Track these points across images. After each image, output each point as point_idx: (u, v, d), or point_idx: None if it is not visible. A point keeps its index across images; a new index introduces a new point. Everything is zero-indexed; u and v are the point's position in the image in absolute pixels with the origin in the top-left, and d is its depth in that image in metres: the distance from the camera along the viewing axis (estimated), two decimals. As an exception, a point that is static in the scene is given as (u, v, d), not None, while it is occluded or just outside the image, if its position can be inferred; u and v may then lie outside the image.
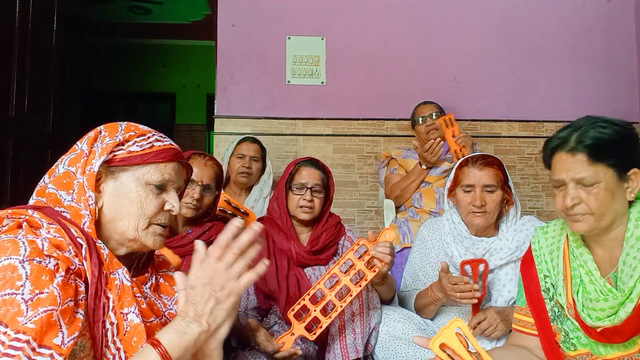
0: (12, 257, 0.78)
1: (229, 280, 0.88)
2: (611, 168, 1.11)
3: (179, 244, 1.78)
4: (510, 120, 3.33)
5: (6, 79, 2.59)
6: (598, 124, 1.13)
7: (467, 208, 1.72)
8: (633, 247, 1.11)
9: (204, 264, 0.89)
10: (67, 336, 0.79)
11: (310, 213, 1.83)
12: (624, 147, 1.12)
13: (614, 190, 1.11)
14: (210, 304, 0.87)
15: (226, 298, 0.88)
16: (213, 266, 0.88)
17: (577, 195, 1.12)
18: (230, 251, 0.89)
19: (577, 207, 1.13)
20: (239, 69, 3.22)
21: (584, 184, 1.12)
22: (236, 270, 0.89)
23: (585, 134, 1.12)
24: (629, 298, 1.08)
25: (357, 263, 1.57)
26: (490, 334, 1.60)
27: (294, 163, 1.91)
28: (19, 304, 0.76)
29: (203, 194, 1.85)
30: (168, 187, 1.01)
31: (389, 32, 3.31)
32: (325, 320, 1.53)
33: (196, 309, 0.87)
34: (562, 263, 1.25)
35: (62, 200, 0.93)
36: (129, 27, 5.98)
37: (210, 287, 0.87)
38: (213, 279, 0.88)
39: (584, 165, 1.11)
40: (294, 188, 1.84)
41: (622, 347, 1.14)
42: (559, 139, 1.16)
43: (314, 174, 1.87)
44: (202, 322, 0.87)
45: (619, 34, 3.43)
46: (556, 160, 1.16)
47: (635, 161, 1.13)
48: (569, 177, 1.13)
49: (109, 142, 0.95)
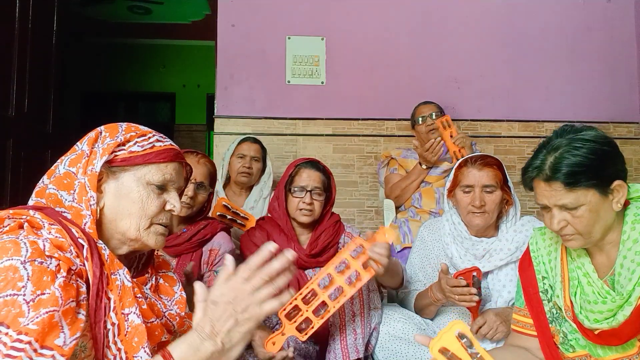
0: (14, 258, 0.78)
1: (252, 305, 0.86)
2: (591, 188, 1.09)
3: (174, 244, 1.79)
4: (510, 120, 3.33)
5: (6, 79, 2.59)
6: (573, 145, 1.11)
7: (467, 208, 1.72)
8: (630, 250, 1.11)
9: (230, 281, 0.87)
10: (69, 337, 0.79)
11: (309, 216, 1.81)
12: (601, 166, 1.10)
13: (599, 209, 1.10)
14: (228, 324, 0.85)
15: (246, 321, 0.86)
16: (239, 286, 0.86)
17: (563, 218, 1.13)
18: (259, 275, 0.87)
19: (565, 229, 1.13)
20: (239, 69, 3.22)
21: (568, 208, 1.11)
22: (262, 295, 0.87)
23: (560, 161, 1.10)
24: (628, 301, 1.08)
25: (353, 263, 1.49)
26: (491, 337, 1.60)
27: (293, 165, 1.88)
28: (20, 305, 0.76)
29: (196, 191, 1.85)
30: (169, 187, 1.01)
31: (389, 32, 3.31)
32: (317, 320, 1.46)
33: (213, 326, 0.85)
34: (559, 265, 1.25)
35: (63, 200, 0.93)
36: (129, 27, 5.97)
37: (232, 307, 0.86)
38: (237, 299, 0.86)
39: (563, 193, 1.10)
40: (294, 191, 1.82)
41: (621, 349, 1.14)
42: (535, 169, 1.14)
43: (314, 176, 1.83)
44: (217, 341, 0.85)
45: (619, 34, 3.42)
46: (535, 186, 1.16)
47: (616, 173, 1.12)
48: (551, 203, 1.13)
49: (110, 143, 0.96)
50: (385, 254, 1.47)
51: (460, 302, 1.59)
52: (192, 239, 1.81)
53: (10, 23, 2.61)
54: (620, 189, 1.11)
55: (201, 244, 1.84)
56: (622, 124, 3.37)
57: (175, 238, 1.79)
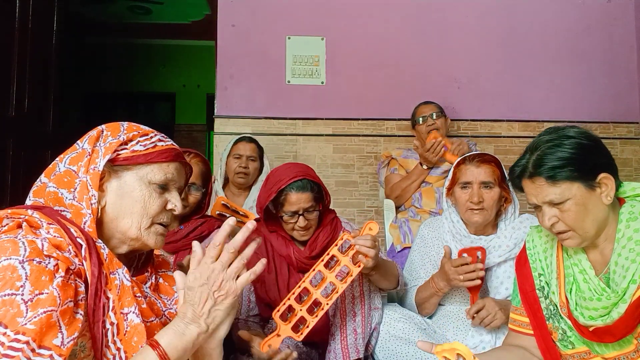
0: (12, 258, 0.78)
1: (226, 281, 0.89)
2: (575, 182, 1.11)
3: (172, 240, 1.79)
4: (510, 120, 3.33)
5: (6, 79, 2.59)
6: (554, 142, 1.14)
7: (465, 205, 1.73)
8: (625, 247, 1.11)
9: (201, 264, 0.90)
10: (67, 337, 0.79)
11: (307, 235, 1.71)
12: (582, 159, 1.12)
13: (586, 202, 1.12)
14: (208, 304, 0.88)
15: (224, 298, 0.89)
16: (210, 266, 0.89)
17: (553, 214, 1.15)
18: (225, 251, 0.90)
19: (556, 225, 1.15)
20: (239, 69, 3.22)
21: (554, 203, 1.14)
22: (233, 269, 0.90)
23: (542, 157, 1.14)
24: (622, 299, 1.08)
25: (342, 259, 1.51)
26: (489, 322, 1.61)
27: (278, 187, 1.63)
28: (18, 305, 0.76)
29: (188, 192, 1.84)
30: (170, 186, 1.01)
31: (389, 32, 3.30)
32: (312, 319, 1.46)
33: (194, 310, 0.87)
34: (555, 261, 1.25)
35: (64, 198, 0.93)
36: (129, 27, 5.97)
37: (207, 288, 0.88)
38: (210, 279, 0.88)
39: (547, 188, 1.13)
40: (285, 216, 1.67)
41: (618, 346, 1.14)
42: (520, 167, 1.18)
43: (303, 198, 1.64)
44: (201, 323, 0.87)
45: (619, 34, 3.42)
46: (524, 185, 1.19)
47: (601, 166, 1.14)
48: (539, 200, 1.16)
49: (112, 141, 0.96)
50: (370, 245, 1.48)
51: (464, 283, 1.60)
52: (189, 236, 1.82)
53: (10, 23, 2.61)
54: (607, 181, 1.13)
55: (198, 240, 1.83)
56: (622, 124, 3.37)
57: (172, 235, 1.80)
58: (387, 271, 1.70)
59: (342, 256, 1.52)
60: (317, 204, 1.70)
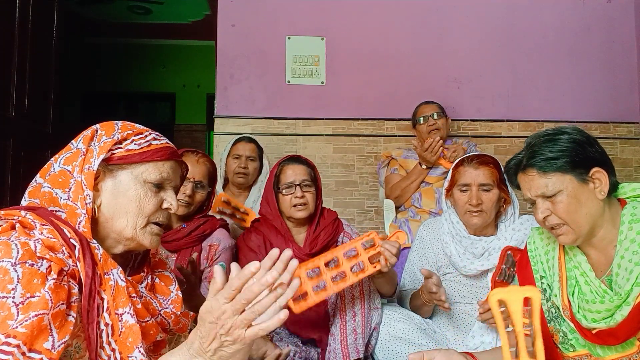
0: (4, 260, 0.77)
1: (235, 328, 0.81)
2: (567, 173, 1.13)
3: (173, 238, 1.80)
4: (510, 120, 3.32)
5: (6, 79, 2.58)
6: (547, 137, 1.17)
7: (464, 207, 1.73)
8: (628, 250, 1.11)
9: (215, 300, 0.83)
10: (58, 340, 0.78)
11: (305, 210, 1.81)
12: (574, 151, 1.14)
13: (579, 195, 1.13)
14: (214, 344, 0.83)
15: (231, 344, 0.83)
16: (222, 307, 0.82)
17: (546, 207, 1.16)
18: (240, 297, 0.81)
19: (549, 218, 1.16)
20: (239, 69, 3.22)
21: (547, 195, 1.15)
22: (242, 319, 0.81)
23: (535, 151, 1.17)
24: (626, 301, 1.08)
25: (362, 253, 1.51)
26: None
27: (277, 164, 1.88)
28: (9, 308, 0.75)
29: (195, 190, 1.86)
30: (166, 185, 1.01)
31: (389, 32, 3.30)
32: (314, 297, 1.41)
33: (201, 344, 0.84)
34: (557, 264, 1.25)
35: (59, 198, 0.92)
36: (129, 27, 5.97)
37: (215, 328, 0.82)
38: (220, 320, 0.82)
39: (538, 179, 1.15)
40: (283, 189, 1.81)
41: (620, 349, 1.14)
42: (514, 161, 1.22)
43: (299, 170, 1.83)
44: (206, 359, 0.84)
45: (619, 34, 3.42)
46: (519, 181, 1.22)
47: (594, 160, 1.15)
48: (532, 194, 1.17)
49: (107, 141, 0.95)
50: (395, 252, 1.52)
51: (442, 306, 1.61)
52: (191, 234, 1.83)
53: (10, 23, 2.60)
54: (600, 176, 1.14)
55: (200, 239, 1.85)
56: (622, 124, 3.36)
57: (174, 233, 1.80)
58: (392, 279, 1.75)
59: (363, 251, 1.52)
60: (313, 184, 1.84)
